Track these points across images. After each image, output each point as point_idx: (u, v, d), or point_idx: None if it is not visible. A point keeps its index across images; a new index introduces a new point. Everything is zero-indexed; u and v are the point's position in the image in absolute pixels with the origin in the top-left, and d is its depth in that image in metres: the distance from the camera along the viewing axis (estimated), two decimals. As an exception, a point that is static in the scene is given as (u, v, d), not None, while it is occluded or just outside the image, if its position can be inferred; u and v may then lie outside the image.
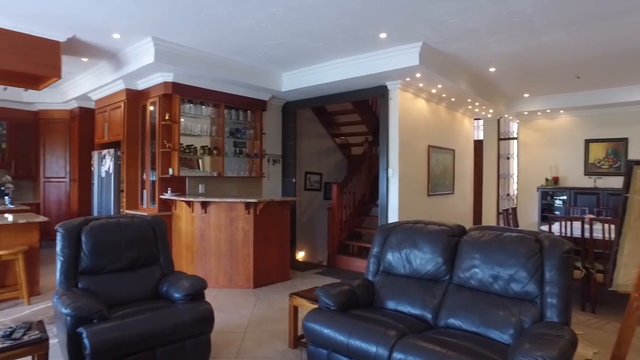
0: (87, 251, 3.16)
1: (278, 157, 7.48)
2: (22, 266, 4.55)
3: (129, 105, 6.06)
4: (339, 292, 3.06)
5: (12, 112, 7.86)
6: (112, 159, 6.15)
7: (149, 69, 5.38)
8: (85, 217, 3.35)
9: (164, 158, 5.69)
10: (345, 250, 7.38)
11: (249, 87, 6.37)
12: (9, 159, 7.88)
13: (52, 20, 4.46)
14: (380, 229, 3.54)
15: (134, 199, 6.08)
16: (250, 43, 5.14)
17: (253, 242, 5.35)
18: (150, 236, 3.51)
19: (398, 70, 5.41)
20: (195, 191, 6.04)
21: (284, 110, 7.53)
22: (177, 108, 5.68)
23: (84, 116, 7.63)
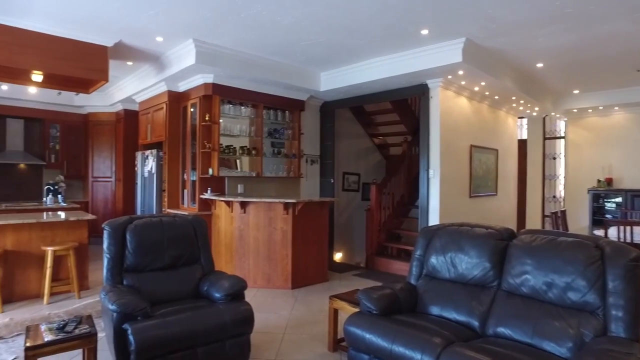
0: (131, 249, 3.23)
1: (316, 157, 7.45)
2: (73, 262, 4.74)
3: (170, 107, 6.20)
4: (381, 295, 2.97)
5: (65, 116, 8.26)
6: (155, 159, 6.32)
7: (190, 71, 5.48)
8: (130, 216, 3.44)
9: (204, 158, 5.79)
10: (384, 252, 7.25)
11: (287, 87, 6.38)
12: (62, 160, 8.27)
13: (100, 26, 4.63)
14: (423, 231, 3.42)
15: (175, 198, 6.22)
16: (289, 42, 5.13)
17: (291, 243, 5.33)
18: (192, 235, 3.55)
19: (439, 68, 5.25)
20: (235, 191, 6.10)
21: (322, 110, 7.49)
22: (217, 109, 5.76)
23: (128, 118, 7.90)
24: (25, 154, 7.93)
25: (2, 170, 7.91)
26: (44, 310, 4.36)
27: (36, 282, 4.77)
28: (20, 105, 7.76)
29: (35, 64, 4.59)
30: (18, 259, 4.66)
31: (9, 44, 4.44)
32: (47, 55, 4.63)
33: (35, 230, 4.73)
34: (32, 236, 4.72)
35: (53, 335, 2.57)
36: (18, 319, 4.10)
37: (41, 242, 4.76)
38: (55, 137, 8.27)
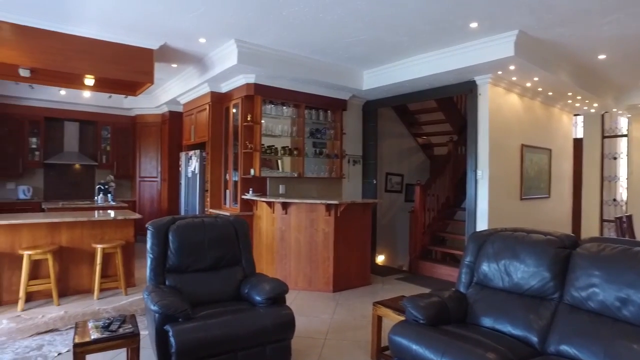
0: (173, 249, 3.24)
1: (358, 157, 7.30)
2: (120, 259, 4.87)
3: (213, 108, 6.27)
4: (429, 304, 2.80)
5: (115, 118, 8.59)
6: (198, 159, 6.41)
7: (232, 72, 5.50)
8: (172, 216, 3.45)
9: (246, 159, 5.80)
10: (428, 256, 6.99)
11: (329, 87, 6.28)
12: (112, 160, 8.61)
13: (146, 30, 4.72)
14: (473, 236, 3.20)
15: (217, 198, 6.28)
16: (332, 40, 5.03)
17: (333, 245, 5.23)
18: (233, 236, 3.52)
19: (489, 64, 4.97)
20: (276, 192, 6.08)
21: (365, 109, 7.34)
22: (259, 109, 5.75)
23: (173, 119, 8.10)
24: (80, 155, 8.31)
25: (60, 171, 8.34)
26: (94, 306, 4.51)
27: (87, 278, 4.95)
28: (76, 109, 8.14)
29: (87, 68, 4.75)
30: (72, 255, 4.85)
31: (64, 50, 4.62)
32: (98, 60, 4.78)
33: (86, 228, 4.91)
34: (83, 234, 4.89)
35: (99, 333, 2.60)
36: (71, 312, 4.26)
37: (92, 239, 4.93)
38: (106, 139, 8.62)
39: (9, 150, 7.67)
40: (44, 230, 4.67)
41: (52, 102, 7.84)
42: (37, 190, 8.08)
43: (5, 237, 4.49)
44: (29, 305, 4.47)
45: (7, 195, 7.86)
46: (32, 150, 7.90)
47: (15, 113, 7.68)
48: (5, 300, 4.51)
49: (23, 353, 3.34)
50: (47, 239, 4.69)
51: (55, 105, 7.94)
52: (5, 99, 7.55)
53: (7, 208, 7.27)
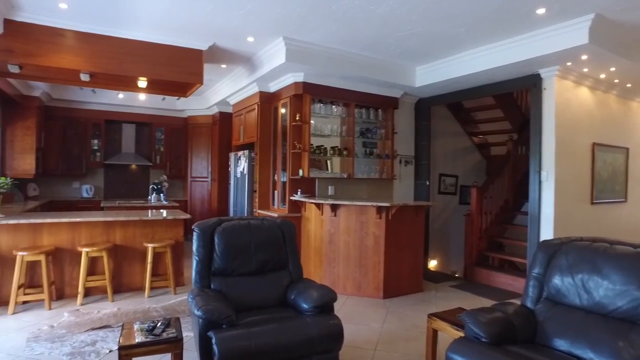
0: (219, 252, 3.16)
1: (410, 158, 7.00)
2: (170, 258, 4.92)
3: (262, 108, 6.23)
4: (492, 320, 2.51)
5: (168, 119, 8.85)
6: (247, 160, 6.40)
7: (280, 70, 5.41)
8: (219, 218, 3.38)
9: (295, 159, 5.69)
10: (485, 263, 6.55)
11: (380, 84, 6.05)
12: (166, 161, 8.87)
13: (195, 31, 4.74)
14: (543, 245, 2.86)
15: (265, 199, 6.23)
16: (383, 35, 4.80)
17: (384, 249, 4.99)
18: (280, 240, 3.40)
19: (557, 54, 4.52)
20: (325, 193, 5.93)
21: (417, 107, 7.02)
22: (308, 108, 5.62)
23: (223, 120, 8.18)
24: (136, 155, 8.63)
25: (118, 170, 8.70)
26: (145, 304, 4.57)
27: (139, 276, 5.05)
28: (132, 111, 8.47)
29: (140, 70, 4.84)
30: (125, 253, 4.97)
31: (119, 54, 4.74)
32: (150, 62, 4.86)
33: (138, 227, 5.01)
34: (136, 232, 5.00)
35: (143, 336, 2.56)
36: (124, 309, 4.34)
37: (143, 238, 5.02)
38: (160, 140, 8.89)
39: (74, 152, 8.10)
40: (100, 228, 4.81)
41: (111, 105, 8.19)
42: (97, 189, 8.48)
43: (67, 235, 4.68)
44: (87, 300, 4.62)
45: (73, 194, 8.30)
46: (94, 151, 8.30)
47: (80, 117, 8.11)
48: (67, 294, 4.70)
49: (79, 347, 3.44)
50: (103, 237, 4.83)
51: (114, 108, 8.30)
52: (71, 104, 7.98)
53: (71, 205, 7.68)
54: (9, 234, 4.44)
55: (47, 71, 4.84)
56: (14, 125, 6.95)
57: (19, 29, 4.34)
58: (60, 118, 7.99)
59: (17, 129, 6.97)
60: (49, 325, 3.89)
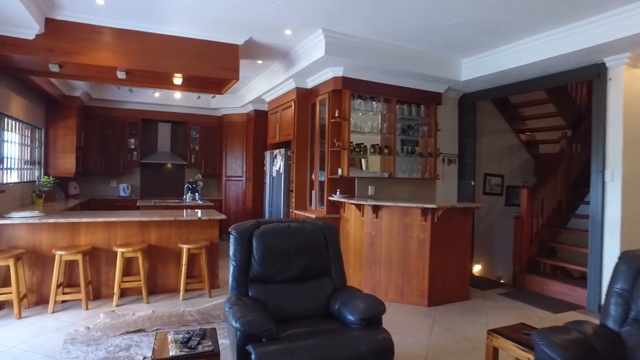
0: (257, 257, 2.95)
1: (454, 156, 6.61)
2: (205, 260, 4.78)
3: (298, 104, 6.01)
4: (568, 342, 2.18)
5: (203, 118, 8.80)
6: (283, 158, 6.20)
7: (319, 65, 5.18)
8: (257, 220, 3.17)
9: (333, 157, 5.44)
10: (535, 269, 6.08)
11: (423, 79, 5.71)
12: (200, 160, 8.83)
13: (231, 25, 4.58)
14: (627, 257, 2.48)
15: (302, 199, 6.01)
16: (428, 25, 4.49)
17: (429, 253, 4.67)
18: (322, 244, 3.16)
19: (629, 39, 4.05)
20: (364, 193, 5.65)
21: (461, 103, 6.62)
22: (347, 104, 5.36)
23: (258, 118, 8.04)
24: (171, 154, 8.63)
25: (154, 169, 8.73)
26: (179, 307, 4.44)
27: (174, 277, 4.94)
28: (168, 110, 8.47)
29: (176, 66, 4.72)
30: (160, 253, 4.87)
31: (155, 50, 4.64)
32: (185, 58, 4.74)
33: (173, 227, 4.89)
34: (170, 233, 4.89)
35: (177, 349, 2.38)
36: (158, 312, 4.22)
37: (178, 239, 4.90)
38: (195, 139, 8.85)
39: (112, 151, 8.18)
40: (135, 228, 4.73)
41: (148, 104, 8.21)
42: (134, 188, 8.53)
43: (103, 234, 4.62)
44: (122, 301, 4.54)
45: (110, 193, 8.39)
46: (131, 150, 8.35)
47: (117, 116, 8.18)
48: (104, 294, 4.64)
49: (113, 352, 3.33)
50: (138, 237, 4.75)
51: (150, 107, 8.32)
52: (110, 103, 8.06)
53: (109, 204, 7.75)
54: (49, 232, 4.42)
55: (86, 69, 4.80)
56: (56, 125, 7.04)
57: (59, 28, 4.30)
58: (99, 117, 8.07)
59: (59, 128, 7.06)
60: (85, 326, 3.81)
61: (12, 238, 4.31)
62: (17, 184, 5.73)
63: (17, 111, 5.59)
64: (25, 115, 5.94)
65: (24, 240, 4.34)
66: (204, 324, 3.96)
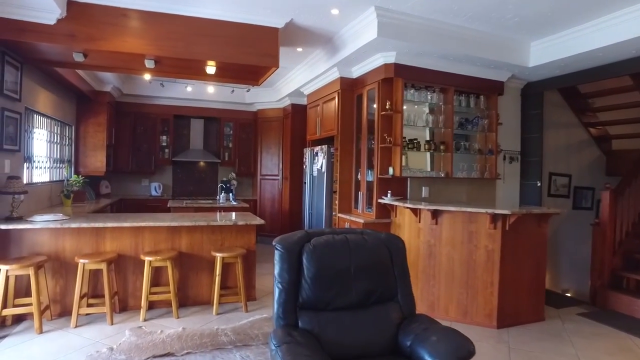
0: (309, 278, 2.37)
1: (515, 153, 5.85)
2: (241, 270, 4.27)
3: (343, 96, 5.41)
4: None
5: (237, 114, 8.35)
6: (325, 156, 5.62)
7: (368, 50, 4.56)
8: (306, 231, 2.60)
9: (384, 155, 4.82)
10: (619, 285, 5.24)
11: (484, 65, 5.00)
12: (234, 157, 8.38)
13: (271, 5, 4.04)
14: None
15: (347, 201, 5.42)
16: (497, 1, 3.79)
17: (499, 267, 3.98)
18: (386, 261, 2.55)
19: None
20: (417, 195, 4.99)
21: (524, 93, 5.85)
22: (400, 94, 4.72)
23: (295, 113, 7.50)
24: (204, 152, 8.22)
25: (186, 168, 8.36)
26: (212, 323, 3.95)
27: (207, 288, 4.46)
28: (201, 105, 8.07)
29: (209, 53, 4.22)
30: (191, 261, 4.40)
31: (186, 35, 4.15)
32: (219, 43, 4.23)
33: (206, 232, 4.41)
34: (203, 239, 4.41)
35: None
36: (189, 329, 3.74)
37: (211, 245, 4.42)
38: (228, 135, 8.43)
39: (143, 148, 7.85)
40: (164, 233, 4.27)
41: (180, 99, 7.84)
42: (166, 187, 8.18)
43: (130, 240, 4.19)
44: (151, 314, 4.10)
45: (142, 192, 8.07)
46: (162, 147, 8.00)
47: (149, 112, 7.84)
48: (131, 306, 4.22)
49: (138, 381, 2.84)
50: (168, 243, 4.29)
51: (182, 103, 7.94)
52: (141, 99, 7.72)
53: (140, 204, 7.42)
54: (73, 237, 4.02)
55: (112, 58, 4.37)
56: (87, 122, 6.74)
57: (82, 11, 3.87)
58: (130, 114, 7.75)
59: (89, 125, 6.76)
60: (109, 347, 3.36)
61: (34, 243, 3.93)
62: (46, 183, 5.41)
63: (45, 107, 5.26)
64: (54, 112, 5.62)
65: (47, 246, 3.96)
66: (240, 347, 3.44)
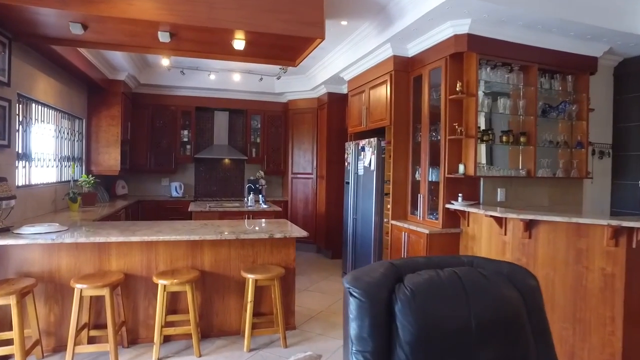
0: (407, 344, 1.45)
1: (606, 147, 4.79)
2: (279, 295, 3.38)
3: (396, 79, 4.47)
4: None
5: (265, 105, 7.52)
6: (375, 151, 4.68)
7: (434, 17, 3.61)
8: (391, 263, 1.68)
9: (452, 149, 3.87)
10: None
11: (578, 35, 3.97)
12: (263, 154, 7.55)
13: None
14: None
15: (402, 205, 4.49)
16: None
17: (623, 297, 2.97)
18: (520, 311, 1.61)
19: None
20: (492, 198, 4.01)
21: (618, 73, 4.77)
22: (474, 73, 3.75)
23: (332, 103, 6.59)
24: (229, 148, 7.41)
25: (209, 166, 7.60)
26: (243, 363, 3.09)
27: (235, 314, 3.60)
28: (225, 96, 7.28)
29: (237, 20, 3.33)
30: (216, 282, 3.54)
31: (208, -2, 3.28)
32: (250, 7, 3.34)
33: (235, 246, 3.55)
34: (231, 254, 3.55)
35: None
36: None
37: (241, 262, 3.56)
38: (256, 129, 7.60)
39: (163, 144, 7.11)
40: (183, 248, 3.43)
41: (202, 89, 7.05)
42: (187, 186, 7.43)
43: (141, 256, 3.36)
44: (166, 350, 3.28)
45: (162, 192, 7.34)
46: (184, 143, 7.24)
47: (169, 104, 7.10)
48: (142, 337, 3.40)
49: None
50: (187, 260, 3.44)
51: (205, 93, 7.16)
52: (159, 89, 6.97)
53: (159, 207, 6.71)
54: (70, 254, 3.22)
55: (117, 31, 3.54)
56: (99, 114, 6.01)
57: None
58: (148, 106, 7.00)
59: (102, 118, 6.02)
60: (109, 403, 2.54)
61: (23, 262, 3.15)
62: (50, 185, 4.67)
63: (47, 95, 4.51)
64: (59, 102, 4.88)
65: (38, 265, 3.17)
66: (282, 406, 2.56)
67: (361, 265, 4.95)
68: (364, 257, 4.89)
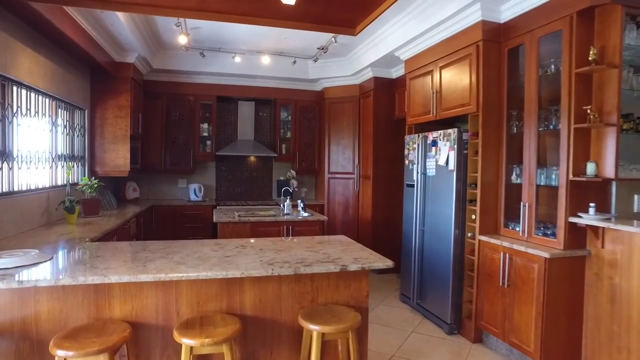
0: None
1: None
2: (354, 350, 2.36)
3: (485, 52, 3.41)
4: None
5: (296, 94, 6.54)
6: (454, 144, 3.61)
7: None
8: None
9: (579, 142, 2.80)
10: None
11: None
12: (294, 151, 6.56)
13: None
14: None
15: (492, 216, 3.44)
16: None
17: None
18: None
19: None
20: (626, 207, 2.94)
21: None
22: (617, 34, 2.67)
23: (379, 90, 5.56)
24: (255, 144, 6.43)
25: (233, 164, 6.65)
26: None
27: (286, 371, 2.59)
28: (251, 84, 6.30)
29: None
30: (262, 331, 2.52)
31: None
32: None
33: (287, 280, 2.53)
34: (282, 290, 2.53)
35: None
36: None
37: (296, 302, 2.54)
38: (286, 122, 6.62)
39: (179, 141, 6.17)
40: (216, 284, 2.43)
41: (225, 75, 6.08)
42: (208, 188, 6.48)
43: (156, 297, 2.34)
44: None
45: (179, 195, 6.41)
46: (203, 139, 6.28)
47: (186, 93, 6.15)
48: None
49: None
50: (221, 301, 2.43)
51: (228, 81, 6.19)
52: (175, 75, 6.03)
53: (176, 213, 5.78)
54: (53, 297, 2.20)
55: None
56: (104, 104, 5.07)
57: None
58: (162, 95, 6.06)
59: (107, 109, 5.08)
60: None
61: (-11, 306, 2.18)
62: (41, 191, 3.72)
63: (35, 78, 3.56)
64: (55, 87, 3.94)
65: (7, 314, 2.19)
66: None
67: (431, 289, 3.90)
68: (437, 280, 3.85)
